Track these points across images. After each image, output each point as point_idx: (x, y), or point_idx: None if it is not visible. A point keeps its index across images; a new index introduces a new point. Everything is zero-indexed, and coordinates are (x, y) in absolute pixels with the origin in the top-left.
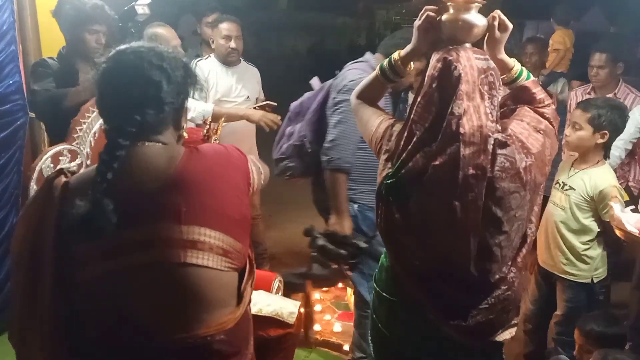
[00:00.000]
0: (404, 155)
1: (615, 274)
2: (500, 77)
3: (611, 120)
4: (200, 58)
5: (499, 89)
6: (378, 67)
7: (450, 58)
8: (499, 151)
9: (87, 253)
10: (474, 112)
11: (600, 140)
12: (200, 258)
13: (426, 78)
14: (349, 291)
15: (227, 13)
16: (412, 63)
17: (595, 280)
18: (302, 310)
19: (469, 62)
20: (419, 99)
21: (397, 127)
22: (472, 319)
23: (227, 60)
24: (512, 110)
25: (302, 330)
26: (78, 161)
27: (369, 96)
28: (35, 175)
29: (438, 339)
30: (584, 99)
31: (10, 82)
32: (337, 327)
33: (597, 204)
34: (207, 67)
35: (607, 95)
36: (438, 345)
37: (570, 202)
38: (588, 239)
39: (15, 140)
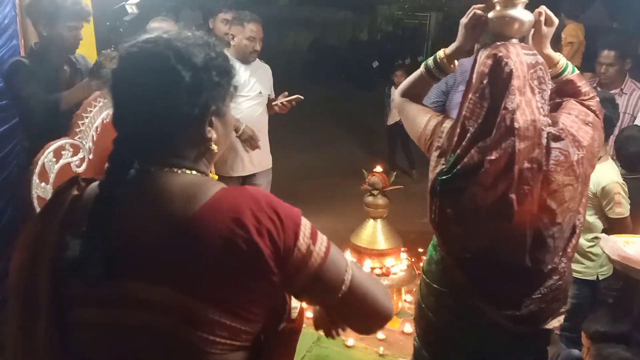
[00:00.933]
0: (458, 151)
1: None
2: (548, 72)
3: None
4: None
5: (549, 83)
6: (423, 65)
7: (500, 54)
8: (553, 145)
9: (76, 293)
10: (527, 107)
11: None
12: (208, 343)
13: (475, 74)
14: None
15: (230, 8)
16: (456, 61)
17: (600, 278)
18: (304, 305)
19: (519, 57)
20: (470, 96)
21: (447, 123)
22: (525, 308)
23: (246, 59)
24: (559, 103)
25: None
26: (80, 155)
27: (413, 93)
28: (37, 170)
29: (486, 326)
30: None
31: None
32: None
33: (600, 200)
34: None
35: (612, 91)
36: (486, 332)
37: None
38: (592, 236)
39: (16, 134)
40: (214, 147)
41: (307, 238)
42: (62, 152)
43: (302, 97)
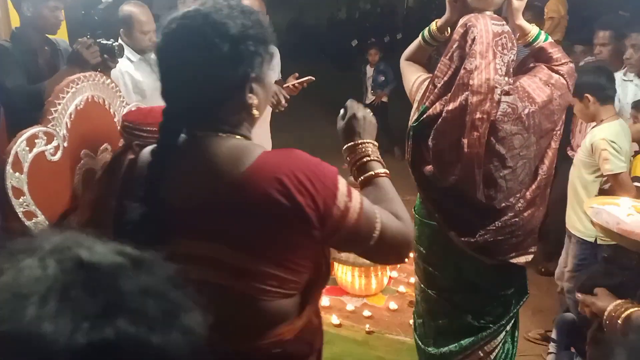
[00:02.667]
0: (426, 102)
1: None
2: (513, 40)
3: (585, 83)
4: None
5: (511, 50)
6: (420, 35)
7: (469, 24)
8: (503, 99)
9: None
10: (485, 68)
11: (591, 104)
12: (260, 292)
13: (450, 41)
14: (336, 265)
15: None
16: (448, 29)
17: (599, 242)
18: None
19: (485, 26)
20: (442, 58)
21: (426, 82)
22: (480, 237)
23: None
24: (530, 68)
25: None
26: (55, 143)
27: (414, 59)
28: (10, 159)
29: (457, 254)
30: None
31: None
32: (325, 301)
33: (595, 157)
34: None
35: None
36: (458, 259)
37: (578, 158)
38: (594, 195)
39: None
40: (255, 112)
41: (345, 196)
42: (36, 141)
43: (314, 79)
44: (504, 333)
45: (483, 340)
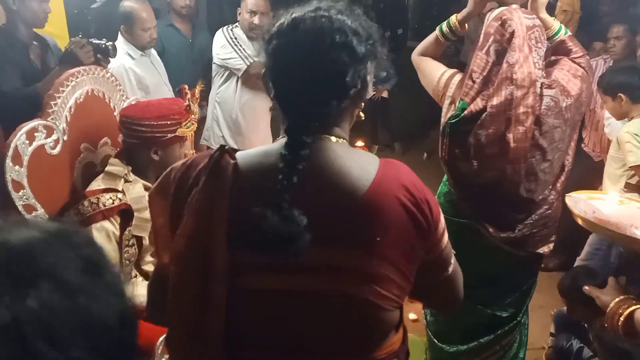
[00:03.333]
0: (466, 99)
1: None
2: (544, 33)
3: (619, 83)
4: (229, 26)
5: (544, 43)
6: (438, 29)
7: (505, 17)
8: (546, 93)
9: (249, 260)
10: (524, 62)
11: (624, 103)
12: (379, 296)
13: (483, 35)
14: None
15: None
16: (466, 24)
17: None
18: None
19: (520, 20)
20: (477, 53)
21: (457, 77)
22: (519, 232)
23: (249, 36)
24: (554, 61)
25: None
26: (54, 137)
27: (428, 53)
28: (10, 153)
29: (486, 248)
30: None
31: None
32: None
33: (621, 151)
34: (240, 37)
35: None
36: (486, 254)
37: (609, 154)
38: (618, 189)
39: None
40: (362, 115)
41: (441, 217)
42: (35, 134)
43: None
44: (519, 325)
45: (502, 336)
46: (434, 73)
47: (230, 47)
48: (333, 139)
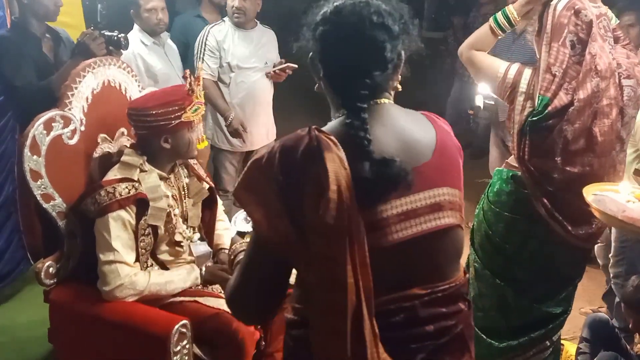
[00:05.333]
0: (548, 94)
1: None
2: (610, 21)
3: None
4: (213, 24)
5: (611, 32)
6: (492, 20)
7: (578, 7)
8: (625, 83)
9: (375, 217)
10: (601, 52)
11: None
12: (461, 220)
13: (554, 26)
14: None
15: None
16: (521, 13)
17: None
18: None
19: (590, 9)
20: (552, 45)
21: (528, 71)
22: (595, 226)
23: (234, 22)
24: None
25: None
26: (72, 127)
27: (480, 47)
28: (28, 142)
29: (555, 244)
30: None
31: None
32: None
33: (636, 137)
34: (222, 33)
35: None
36: (553, 250)
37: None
38: (630, 175)
39: (9, 107)
40: (399, 87)
41: None
42: (53, 124)
43: (296, 66)
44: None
45: (553, 330)
46: (495, 68)
47: (196, 50)
48: (385, 101)
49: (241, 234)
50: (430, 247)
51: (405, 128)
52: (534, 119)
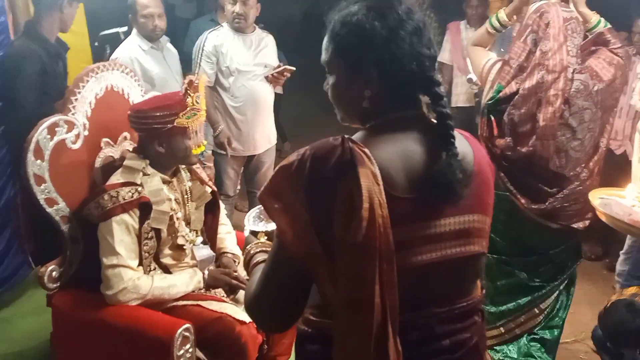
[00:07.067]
0: (502, 82)
1: None
2: (581, 24)
3: None
4: (212, 29)
5: (580, 33)
6: (488, 22)
7: (542, 10)
8: (576, 77)
9: (405, 236)
10: (558, 49)
11: None
12: (486, 247)
13: (523, 25)
14: None
15: None
16: (514, 16)
17: None
18: None
19: (557, 13)
20: (515, 42)
21: (498, 64)
22: (549, 204)
23: (235, 27)
24: (593, 51)
25: None
26: (75, 132)
27: (480, 44)
28: (32, 147)
29: (522, 220)
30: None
31: (1, 53)
32: None
33: None
34: (220, 38)
35: None
36: (522, 225)
37: (636, 141)
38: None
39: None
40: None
41: None
42: (56, 129)
43: (294, 69)
44: (557, 292)
45: (539, 298)
46: (480, 61)
47: (194, 55)
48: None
49: (254, 233)
50: (452, 271)
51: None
52: (489, 102)
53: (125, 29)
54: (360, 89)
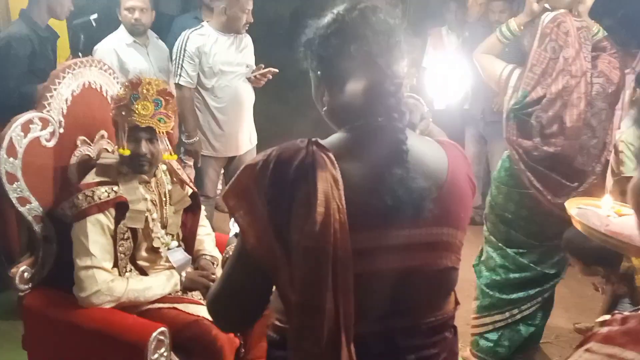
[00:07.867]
0: (528, 88)
1: None
2: (590, 33)
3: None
4: (193, 29)
5: (590, 41)
6: (499, 32)
7: (559, 20)
8: (595, 81)
9: (367, 244)
10: (576, 56)
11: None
12: (457, 261)
13: (540, 35)
14: None
15: None
16: (522, 26)
17: None
18: None
19: (571, 22)
20: (536, 50)
21: (517, 70)
22: (572, 198)
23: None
24: (595, 56)
25: None
26: (50, 129)
27: (489, 52)
28: (5, 144)
29: (543, 213)
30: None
31: None
32: None
33: None
34: (202, 38)
35: None
36: (542, 218)
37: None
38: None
39: None
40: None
41: None
42: (31, 126)
43: (277, 70)
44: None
45: (546, 290)
46: (496, 68)
47: (175, 55)
48: (400, 126)
49: (237, 236)
50: (417, 284)
51: (418, 164)
52: (516, 106)
53: (95, 15)
54: (321, 95)
